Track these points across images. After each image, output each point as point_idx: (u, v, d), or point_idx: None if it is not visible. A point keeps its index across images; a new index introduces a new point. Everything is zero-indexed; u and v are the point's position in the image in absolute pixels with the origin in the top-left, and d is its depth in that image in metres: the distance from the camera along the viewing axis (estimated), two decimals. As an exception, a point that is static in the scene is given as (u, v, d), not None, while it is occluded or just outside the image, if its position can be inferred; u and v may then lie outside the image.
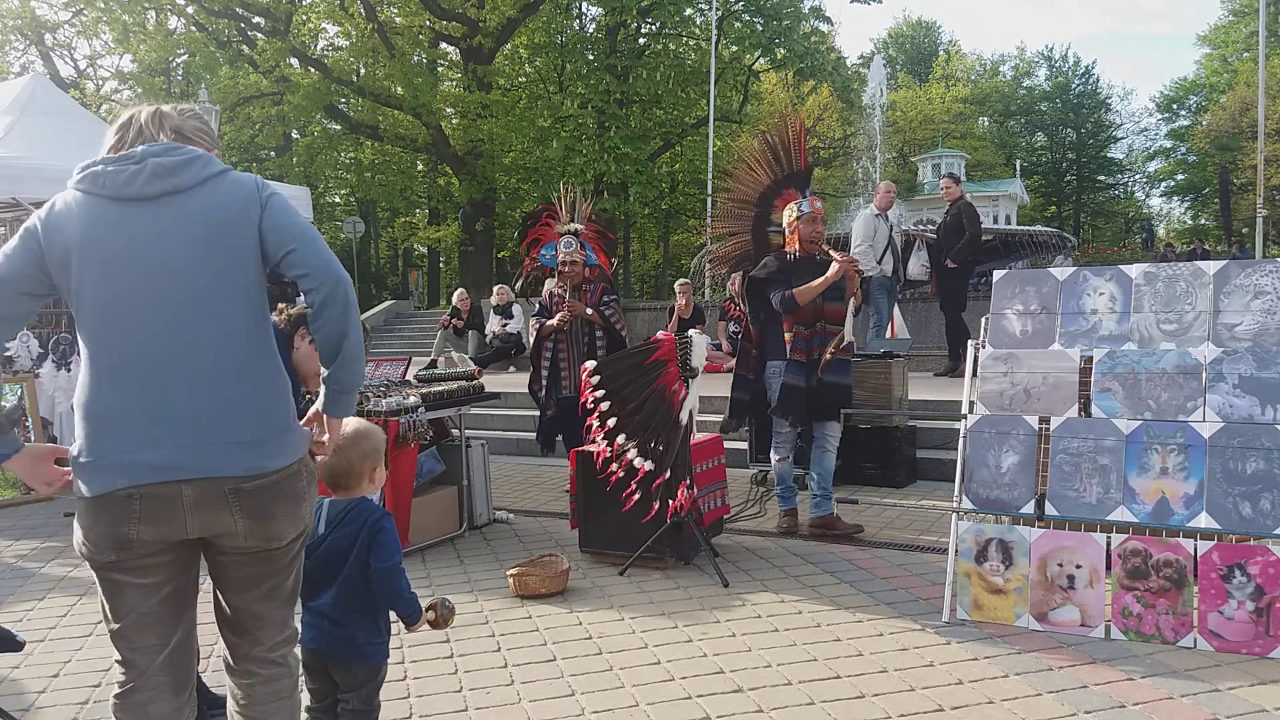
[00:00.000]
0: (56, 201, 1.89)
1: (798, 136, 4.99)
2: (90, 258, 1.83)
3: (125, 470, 1.80)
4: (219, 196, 1.89)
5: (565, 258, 5.79)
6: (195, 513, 1.83)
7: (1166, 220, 50.27)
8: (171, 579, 1.92)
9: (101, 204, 1.85)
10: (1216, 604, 3.24)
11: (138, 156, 1.87)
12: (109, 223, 1.84)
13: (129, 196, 1.85)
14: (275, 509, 1.89)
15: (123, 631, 1.91)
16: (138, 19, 23.19)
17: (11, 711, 2.94)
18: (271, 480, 1.88)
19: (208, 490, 1.83)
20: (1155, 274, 3.72)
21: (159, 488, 1.80)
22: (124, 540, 1.83)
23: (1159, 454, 3.44)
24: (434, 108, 23.50)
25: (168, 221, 1.85)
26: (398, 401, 4.62)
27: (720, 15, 23.16)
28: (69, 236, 1.84)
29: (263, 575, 1.96)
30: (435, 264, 36.72)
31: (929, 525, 5.07)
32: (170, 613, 1.93)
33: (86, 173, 1.89)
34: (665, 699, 2.94)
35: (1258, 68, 16.67)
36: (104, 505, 1.81)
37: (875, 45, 49.69)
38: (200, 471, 1.82)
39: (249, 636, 2.01)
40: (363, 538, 2.30)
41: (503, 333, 12.50)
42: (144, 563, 1.87)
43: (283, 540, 1.93)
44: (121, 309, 1.83)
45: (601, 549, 4.53)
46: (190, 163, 1.88)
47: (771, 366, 4.88)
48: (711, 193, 18.53)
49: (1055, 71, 47.45)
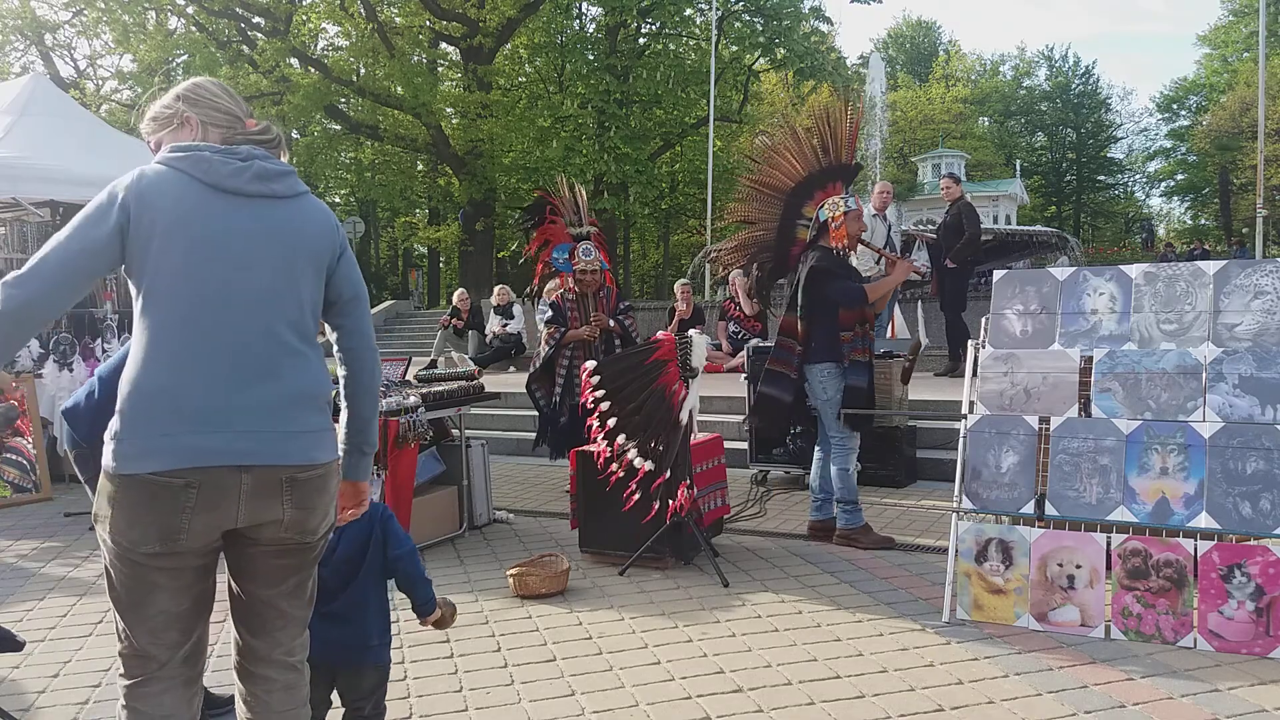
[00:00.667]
0: (146, 173, 1.87)
1: (853, 129, 4.68)
2: (179, 237, 1.83)
3: (185, 452, 1.78)
4: (310, 214, 2.00)
5: (585, 267, 5.77)
6: (249, 500, 1.84)
7: (1166, 220, 50.29)
8: (200, 580, 1.92)
9: (200, 189, 1.86)
10: (1216, 604, 3.24)
11: (243, 155, 1.93)
12: (207, 208, 1.86)
13: (230, 189, 1.88)
14: (317, 501, 1.94)
15: (150, 628, 1.89)
16: (138, 19, 23.18)
17: (11, 711, 2.94)
18: (319, 473, 1.93)
19: (266, 478, 1.85)
20: (1155, 274, 3.72)
21: (219, 474, 1.80)
22: (174, 531, 1.80)
23: (1159, 454, 3.44)
24: (434, 108, 23.50)
25: (262, 221, 1.91)
26: (398, 401, 4.62)
27: (720, 15, 23.17)
28: (160, 212, 1.83)
29: (292, 568, 1.97)
30: (435, 264, 36.72)
31: (929, 525, 5.06)
32: (197, 612, 1.94)
33: (190, 155, 1.89)
34: (665, 699, 2.94)
35: (1258, 68, 16.68)
36: (155, 491, 1.77)
37: (875, 45, 49.72)
38: (263, 459, 1.84)
39: (269, 637, 1.99)
40: (376, 534, 2.35)
41: (503, 333, 12.50)
42: (182, 563, 1.86)
43: (316, 534, 1.97)
44: (199, 292, 1.83)
45: (601, 549, 4.53)
46: (288, 175, 1.98)
47: (821, 369, 4.58)
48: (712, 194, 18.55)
49: (1055, 71, 47.45)
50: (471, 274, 24.08)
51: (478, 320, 13.24)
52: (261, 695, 2.00)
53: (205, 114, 2.01)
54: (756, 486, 6.10)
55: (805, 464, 6.09)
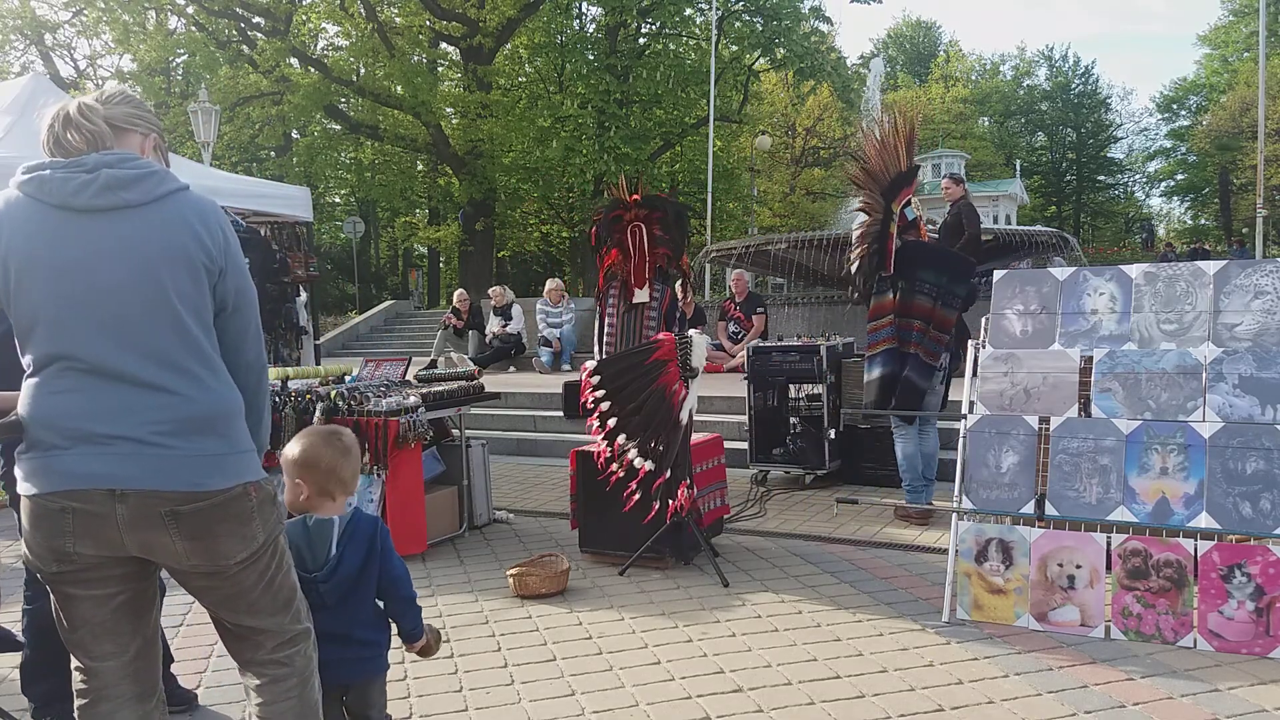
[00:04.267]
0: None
1: (912, 134, 5.01)
2: (37, 268, 1.76)
3: (59, 475, 1.75)
4: (176, 214, 1.84)
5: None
6: (129, 530, 1.77)
7: (1166, 220, 50.32)
8: (122, 587, 1.86)
9: (46, 211, 1.77)
10: (1216, 604, 3.24)
11: (90, 165, 1.78)
12: (56, 233, 1.77)
13: (78, 207, 1.77)
14: (216, 529, 1.82)
15: (78, 641, 1.87)
16: (138, 19, 23.17)
17: (11, 712, 2.93)
18: (214, 501, 1.81)
19: (143, 506, 1.76)
20: (1155, 274, 3.72)
21: (92, 497, 1.74)
22: (63, 552, 1.78)
23: (1159, 454, 3.44)
24: (434, 108, 23.49)
25: (119, 236, 1.78)
26: (398, 401, 4.62)
27: (720, 15, 23.16)
28: (11, 250, 1.76)
29: (235, 593, 1.89)
30: (435, 264, 36.71)
31: (929, 525, 5.06)
32: (127, 622, 1.88)
33: (33, 176, 1.79)
34: (665, 699, 2.94)
35: (1258, 68, 16.67)
36: (40, 513, 1.77)
37: (875, 45, 49.71)
38: (137, 483, 1.75)
39: (249, 643, 1.97)
40: (376, 545, 2.26)
41: (502, 333, 12.50)
42: (93, 575, 1.81)
43: (232, 559, 1.85)
44: (67, 324, 1.77)
45: (601, 549, 4.53)
46: (144, 178, 1.82)
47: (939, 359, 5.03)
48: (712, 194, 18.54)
49: (1055, 71, 47.48)
50: (471, 274, 24.07)
51: (478, 320, 13.23)
52: (257, 688, 1.98)
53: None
54: (756, 486, 6.10)
55: (805, 464, 6.11)
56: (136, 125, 1.91)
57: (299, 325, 8.95)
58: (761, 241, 13.19)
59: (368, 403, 4.62)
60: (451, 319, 13.10)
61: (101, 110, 1.87)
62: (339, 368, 5.37)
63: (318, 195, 27.63)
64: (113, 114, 1.88)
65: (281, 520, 1.99)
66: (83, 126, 1.83)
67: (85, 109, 1.85)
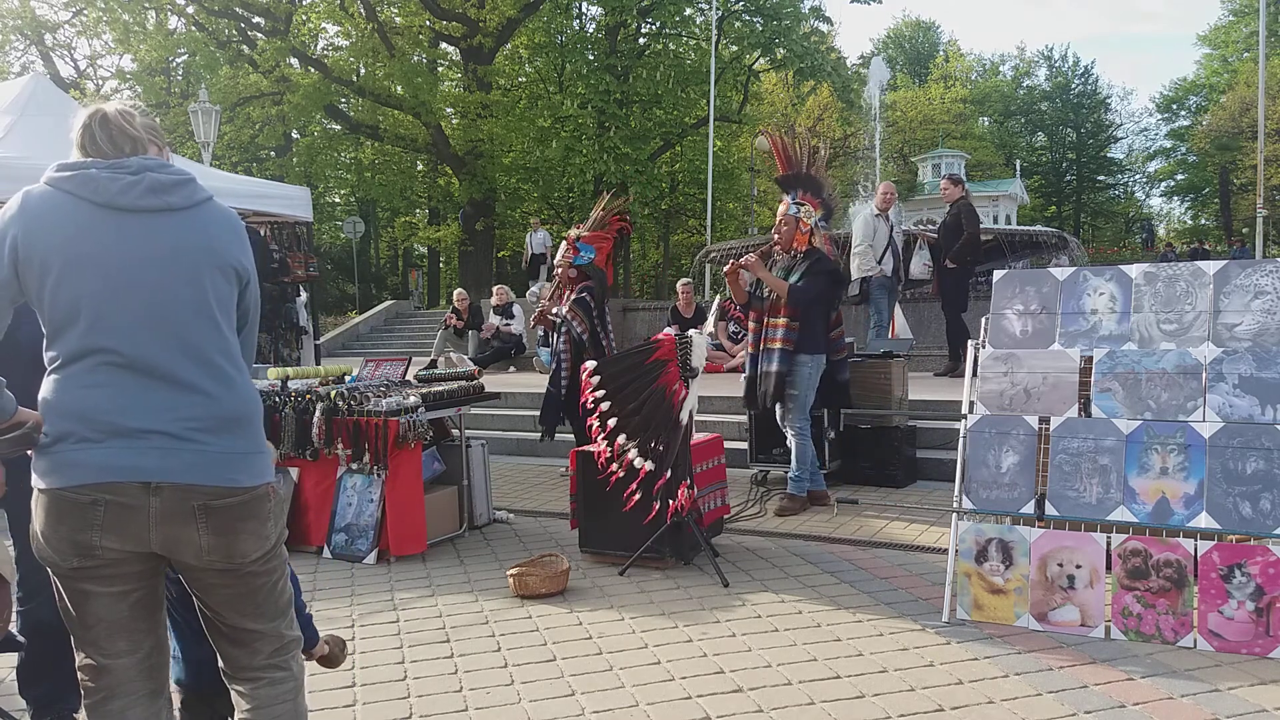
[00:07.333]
0: (30, 202, 1.81)
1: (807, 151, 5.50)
2: (84, 263, 1.78)
3: (92, 468, 1.76)
4: (212, 221, 1.92)
5: None
6: (159, 525, 1.79)
7: (1166, 220, 50.30)
8: (138, 584, 1.87)
9: (92, 210, 1.80)
10: (1216, 604, 3.24)
11: (133, 167, 1.84)
12: (104, 230, 1.80)
13: (124, 206, 1.82)
14: (240, 526, 1.86)
15: (92, 639, 1.87)
16: (138, 19, 23.17)
17: (11, 712, 2.94)
18: (242, 499, 1.85)
19: (177, 500, 1.79)
20: (1155, 274, 3.72)
21: (127, 490, 1.76)
22: (87, 546, 1.78)
23: (1159, 454, 3.43)
24: (434, 108, 23.51)
25: (161, 236, 1.84)
26: (398, 401, 4.62)
27: (720, 15, 23.17)
28: (50, 248, 1.78)
29: (245, 593, 1.92)
30: (435, 264, 36.72)
31: (929, 525, 5.06)
32: (143, 619, 1.90)
33: (76, 173, 1.82)
34: (665, 699, 2.94)
35: (1258, 68, 16.68)
36: (65, 507, 1.77)
37: (875, 45, 49.72)
38: (173, 476, 1.78)
39: (247, 648, 1.97)
40: None
41: (504, 332, 12.50)
42: (113, 571, 1.82)
43: (248, 557, 1.88)
44: (106, 317, 1.79)
45: (601, 549, 4.53)
46: (184, 184, 1.89)
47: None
48: (712, 194, 18.54)
49: (1055, 71, 47.47)
50: (471, 274, 24.09)
51: (477, 320, 13.24)
52: (249, 694, 1.98)
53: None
54: (756, 486, 6.10)
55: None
56: (155, 138, 1.98)
57: (299, 325, 8.96)
58: (761, 241, 13.18)
59: (368, 403, 4.62)
60: (452, 319, 13.11)
61: (137, 118, 1.94)
62: (339, 368, 5.38)
63: (318, 195, 27.64)
64: (142, 129, 1.95)
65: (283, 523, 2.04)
66: (125, 130, 1.88)
67: (125, 114, 1.91)
